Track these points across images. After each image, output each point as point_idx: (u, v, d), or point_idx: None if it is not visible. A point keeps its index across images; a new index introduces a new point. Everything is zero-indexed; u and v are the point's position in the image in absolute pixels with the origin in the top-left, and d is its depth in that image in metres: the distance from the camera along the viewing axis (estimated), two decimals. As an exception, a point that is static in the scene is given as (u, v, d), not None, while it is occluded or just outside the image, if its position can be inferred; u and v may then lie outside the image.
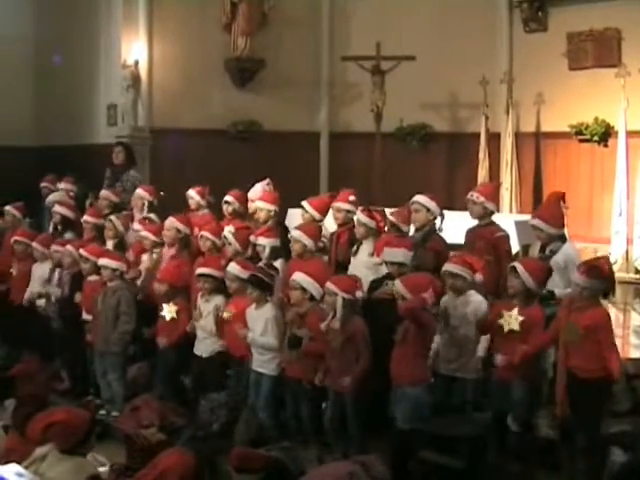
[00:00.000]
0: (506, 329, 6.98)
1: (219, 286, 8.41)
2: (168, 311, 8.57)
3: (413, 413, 6.98)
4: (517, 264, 7.06)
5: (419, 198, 8.43)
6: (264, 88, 15.05)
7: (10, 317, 10.44)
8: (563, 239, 7.90)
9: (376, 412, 7.27)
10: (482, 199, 8.33)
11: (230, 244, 8.83)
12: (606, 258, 7.12)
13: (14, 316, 10.36)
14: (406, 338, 7.01)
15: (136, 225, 10.05)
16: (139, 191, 10.83)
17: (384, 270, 7.98)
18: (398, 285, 7.07)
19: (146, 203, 10.59)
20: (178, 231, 9.37)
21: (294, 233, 8.49)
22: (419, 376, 7.03)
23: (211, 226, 9.28)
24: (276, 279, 8.06)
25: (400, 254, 7.68)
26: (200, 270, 8.46)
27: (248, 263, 8.31)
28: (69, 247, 9.64)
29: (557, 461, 6.90)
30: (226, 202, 9.97)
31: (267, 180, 10.07)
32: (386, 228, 8.61)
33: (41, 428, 5.81)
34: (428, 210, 8.35)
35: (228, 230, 8.93)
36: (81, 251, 9.30)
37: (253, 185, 10.09)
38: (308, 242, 8.36)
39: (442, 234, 8.42)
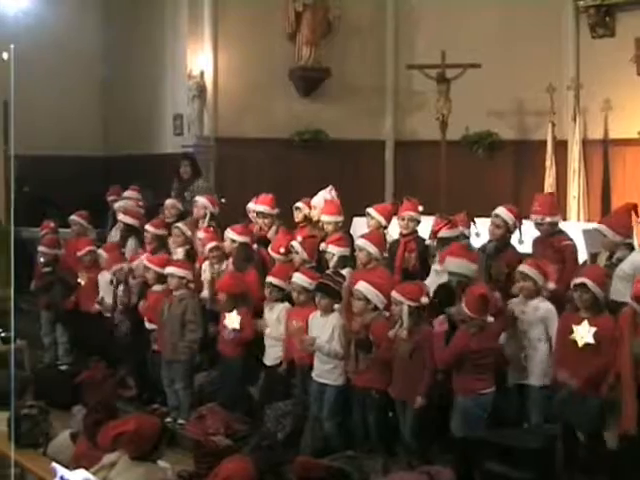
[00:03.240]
0: (581, 344, 6.87)
1: (285, 295, 8.45)
2: (231, 321, 8.57)
3: (463, 423, 6.97)
4: (586, 280, 6.91)
5: (502, 213, 8.40)
6: (329, 97, 15.04)
7: (78, 324, 10.59)
8: (631, 248, 7.78)
9: (443, 421, 7.24)
10: (547, 219, 8.31)
11: (297, 253, 8.85)
12: None
13: (82, 323, 10.51)
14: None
15: (199, 234, 10.07)
16: (202, 201, 10.79)
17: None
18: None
19: (208, 214, 10.60)
20: (233, 241, 9.40)
21: (359, 242, 8.46)
22: (470, 387, 7.00)
23: (275, 240, 9.31)
24: (343, 286, 8.05)
25: (463, 266, 7.61)
26: (268, 279, 8.52)
27: (314, 273, 8.32)
28: (141, 257, 9.76)
29: (624, 474, 6.79)
30: (297, 208, 10.01)
31: (330, 187, 10.08)
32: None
33: (113, 436, 5.89)
34: (508, 230, 8.36)
35: (296, 240, 8.96)
36: (145, 261, 9.39)
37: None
38: (373, 250, 8.32)
39: (522, 246, 8.43)
